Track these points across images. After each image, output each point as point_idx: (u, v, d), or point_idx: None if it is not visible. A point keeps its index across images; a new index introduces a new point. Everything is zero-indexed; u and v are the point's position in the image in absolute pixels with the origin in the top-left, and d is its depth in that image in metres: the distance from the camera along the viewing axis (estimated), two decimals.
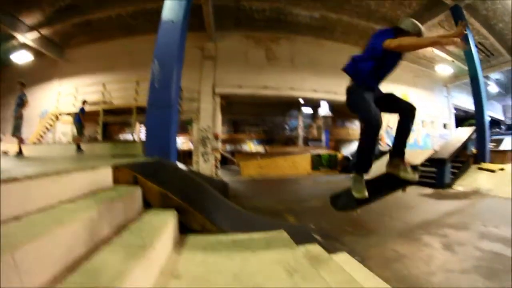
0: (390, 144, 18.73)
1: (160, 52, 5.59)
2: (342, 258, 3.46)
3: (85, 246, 1.80)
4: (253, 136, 23.89)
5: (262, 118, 24.11)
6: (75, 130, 11.02)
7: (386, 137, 18.50)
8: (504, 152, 11.27)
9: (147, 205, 3.11)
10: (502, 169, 9.99)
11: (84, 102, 11.29)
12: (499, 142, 19.52)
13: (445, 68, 19.03)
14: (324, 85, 15.67)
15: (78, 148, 10.14)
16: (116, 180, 3.07)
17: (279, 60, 15.17)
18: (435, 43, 3.47)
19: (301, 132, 20.55)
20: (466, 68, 12.75)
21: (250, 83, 14.40)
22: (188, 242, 2.78)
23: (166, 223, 2.62)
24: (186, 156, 15.63)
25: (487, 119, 11.58)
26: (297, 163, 14.39)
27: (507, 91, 24.28)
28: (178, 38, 5.68)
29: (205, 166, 13.12)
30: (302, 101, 17.84)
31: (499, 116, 29.47)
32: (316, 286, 2.04)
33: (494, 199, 7.81)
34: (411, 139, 20.13)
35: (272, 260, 2.44)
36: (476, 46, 14.92)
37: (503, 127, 28.08)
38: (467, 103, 23.12)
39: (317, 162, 14.71)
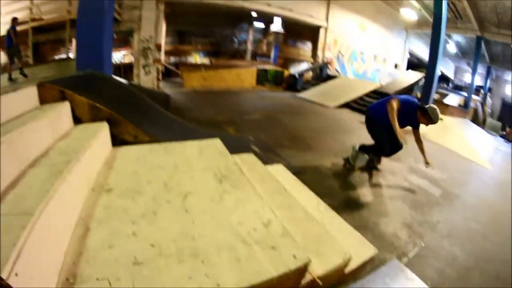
0: (339, 70, 19.15)
1: None
2: (278, 169, 3.60)
3: (11, 175, 1.73)
4: (199, 47, 22.79)
5: (210, 29, 22.86)
6: (7, 57, 9.14)
7: (336, 63, 18.65)
8: (446, 105, 11.78)
9: (78, 121, 2.98)
10: (441, 119, 10.53)
11: (15, 19, 9.20)
12: (444, 96, 20.75)
13: (410, 13, 18.92)
14: (280, 1, 15.21)
15: (10, 78, 8.47)
16: (43, 100, 2.86)
17: None
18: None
19: (250, 46, 20.01)
20: (430, 20, 12.79)
21: None
22: (120, 154, 2.75)
23: (95, 135, 2.55)
24: (128, 70, 14.82)
25: (438, 70, 11.91)
26: (242, 76, 14.09)
27: (464, 55, 25.27)
28: None
29: (146, 79, 12.49)
30: (254, 15, 17.15)
31: (450, 75, 31.39)
32: (244, 192, 2.15)
33: (428, 142, 7.97)
34: (361, 71, 20.57)
35: (203, 167, 2.52)
36: (448, 4, 15.00)
37: (451, 85, 29.74)
38: (423, 53, 24.02)
39: (262, 77, 14.51)
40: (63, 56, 14.01)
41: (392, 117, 4.07)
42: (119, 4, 11.71)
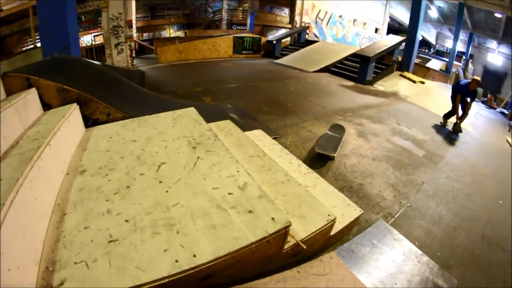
0: (318, 34, 18.81)
1: None
2: (256, 134, 3.55)
3: None
4: (172, 21, 22.10)
5: (182, 0, 22.27)
6: None
7: (314, 27, 18.42)
8: (427, 68, 11.94)
9: (48, 106, 2.86)
10: (422, 82, 10.63)
11: None
12: (426, 61, 20.71)
13: None
14: None
15: None
16: (9, 90, 2.73)
17: None
18: None
19: (225, 15, 19.51)
20: None
21: None
22: (93, 134, 2.68)
23: (66, 118, 2.45)
24: (100, 51, 14.30)
25: (419, 34, 11.83)
26: (218, 46, 13.69)
27: (446, 20, 25.17)
28: None
29: (120, 57, 11.93)
30: None
31: (432, 40, 31.48)
32: (219, 157, 2.11)
33: (410, 104, 8.22)
34: (340, 35, 20.31)
35: (176, 136, 2.47)
36: None
37: (432, 50, 29.71)
38: (404, 18, 23.76)
39: (239, 46, 14.12)
40: (31, 46, 13.40)
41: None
42: None
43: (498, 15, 18.02)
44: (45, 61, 3.72)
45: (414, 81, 10.57)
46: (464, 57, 24.58)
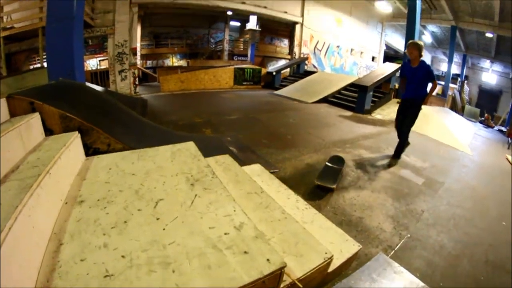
0: (317, 65, 19.25)
1: None
2: (255, 169, 3.57)
3: None
4: (175, 50, 22.64)
5: (186, 30, 22.82)
6: None
7: (313, 58, 18.79)
8: None
9: (50, 132, 2.90)
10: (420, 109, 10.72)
11: None
12: None
13: (384, 5, 19.36)
14: None
15: None
16: (14, 112, 2.78)
17: None
18: None
19: (226, 46, 19.98)
20: (405, 11, 13.01)
21: None
22: (93, 164, 2.69)
23: (67, 146, 2.47)
24: (104, 76, 14.53)
25: None
26: (219, 77, 14.00)
27: (439, 44, 26.18)
28: None
29: (123, 84, 12.29)
30: (230, 13, 17.14)
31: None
32: (216, 195, 2.11)
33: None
34: (338, 65, 20.81)
35: (175, 172, 2.48)
36: None
37: None
38: (400, 44, 24.67)
39: (240, 77, 14.45)
40: (38, 65, 13.52)
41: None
42: (92, 8, 11.49)
43: (489, 35, 18.58)
44: (50, 85, 3.79)
45: None
46: (459, 79, 25.09)
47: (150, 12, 14.83)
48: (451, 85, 22.11)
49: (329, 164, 4.49)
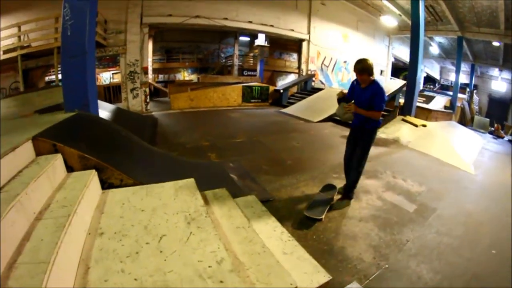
0: (324, 81, 19.75)
1: None
2: (249, 201, 3.97)
3: (24, 228, 2.24)
4: (186, 64, 23.53)
5: (197, 45, 23.70)
6: None
7: (320, 74, 19.34)
8: (429, 110, 12.15)
9: (70, 169, 3.45)
10: (424, 125, 10.71)
11: None
12: (430, 98, 20.88)
13: (390, 20, 19.79)
14: (261, 17, 15.88)
15: None
16: (38, 152, 3.32)
17: None
18: None
19: (236, 61, 20.66)
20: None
21: (181, 11, 13.90)
22: (109, 198, 3.23)
23: (87, 186, 3.02)
24: (117, 90, 15.29)
25: (419, 76, 12.10)
26: (227, 95, 14.61)
27: (447, 55, 26.51)
28: None
29: (135, 102, 13.08)
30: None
31: (436, 75, 32.72)
32: (206, 234, 2.63)
33: (410, 151, 8.40)
34: (345, 80, 21.16)
35: (176, 210, 2.99)
36: (427, 8, 15.93)
37: (437, 85, 30.63)
38: (407, 56, 24.73)
39: (248, 94, 15.06)
40: (53, 76, 14.32)
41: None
42: (105, 29, 12.28)
43: (496, 43, 18.83)
44: (68, 121, 4.31)
45: (416, 125, 10.69)
46: (468, 89, 25.08)
47: (161, 28, 15.58)
48: (460, 95, 22.14)
49: (321, 194, 4.77)
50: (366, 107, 4.26)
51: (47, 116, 5.23)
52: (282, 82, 21.93)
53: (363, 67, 4.22)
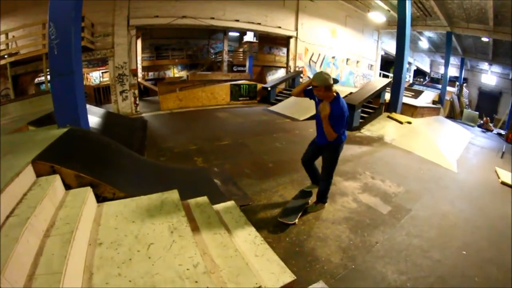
0: (311, 76, 20.03)
1: (55, 15, 5.34)
2: (228, 207, 4.37)
3: (36, 245, 2.76)
4: (176, 61, 23.88)
5: (186, 41, 24.07)
6: None
7: (308, 70, 19.69)
8: (415, 107, 12.66)
9: (68, 186, 3.96)
10: (409, 122, 11.20)
11: None
12: (419, 93, 21.36)
13: (378, 16, 20.09)
14: (248, 15, 16.23)
15: None
16: (38, 173, 3.80)
17: None
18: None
19: (226, 56, 21.06)
20: None
21: (167, 12, 14.22)
22: (104, 211, 3.75)
23: (85, 202, 3.54)
24: (107, 91, 15.63)
25: (405, 73, 12.62)
26: (216, 94, 14.97)
27: (437, 49, 27.21)
28: None
29: (124, 104, 13.50)
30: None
31: (426, 68, 33.53)
32: (186, 241, 3.19)
33: (393, 149, 8.61)
34: (334, 76, 21.50)
35: (161, 220, 3.52)
36: (415, 3, 16.48)
37: (427, 78, 31.21)
38: None
39: (236, 93, 15.46)
40: (42, 78, 14.95)
41: None
42: (92, 33, 12.57)
43: (485, 39, 19.49)
44: (62, 140, 4.73)
45: (401, 122, 11.07)
46: (457, 82, 25.69)
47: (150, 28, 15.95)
48: (449, 89, 22.72)
49: (293, 201, 4.94)
50: (332, 123, 4.11)
51: (41, 131, 5.69)
52: (272, 77, 22.43)
53: (321, 82, 4.08)
